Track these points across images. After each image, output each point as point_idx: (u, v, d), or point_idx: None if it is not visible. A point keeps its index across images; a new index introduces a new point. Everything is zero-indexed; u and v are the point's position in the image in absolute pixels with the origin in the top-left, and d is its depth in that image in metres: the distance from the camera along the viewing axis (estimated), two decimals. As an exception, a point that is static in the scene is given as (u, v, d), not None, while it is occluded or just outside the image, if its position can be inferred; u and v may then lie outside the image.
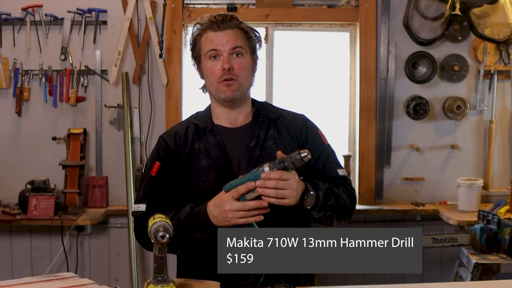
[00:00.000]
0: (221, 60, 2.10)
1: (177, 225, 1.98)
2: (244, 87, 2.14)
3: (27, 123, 3.78)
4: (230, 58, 2.10)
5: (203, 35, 2.14)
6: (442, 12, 3.74)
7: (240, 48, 2.11)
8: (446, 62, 3.82)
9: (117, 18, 3.74)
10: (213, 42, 2.11)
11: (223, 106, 2.17)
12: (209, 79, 2.15)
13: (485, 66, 3.81)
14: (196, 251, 2.06)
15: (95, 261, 3.83)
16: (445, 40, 3.82)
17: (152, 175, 2.14)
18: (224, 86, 2.10)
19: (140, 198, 2.15)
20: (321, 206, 2.03)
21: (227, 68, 2.08)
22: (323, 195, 2.03)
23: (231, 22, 2.12)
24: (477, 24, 3.72)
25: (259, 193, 1.90)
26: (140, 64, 3.74)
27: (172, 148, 2.16)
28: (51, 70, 3.73)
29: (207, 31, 2.13)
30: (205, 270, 2.05)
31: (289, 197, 1.91)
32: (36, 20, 3.71)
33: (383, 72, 3.81)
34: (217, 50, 2.10)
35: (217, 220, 1.93)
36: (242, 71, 2.11)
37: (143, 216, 2.07)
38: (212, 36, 2.11)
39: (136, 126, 3.80)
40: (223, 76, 2.09)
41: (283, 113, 2.25)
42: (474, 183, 3.64)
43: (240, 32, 2.14)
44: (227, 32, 2.11)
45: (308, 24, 3.87)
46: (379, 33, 3.81)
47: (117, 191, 3.81)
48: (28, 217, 3.50)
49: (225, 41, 2.10)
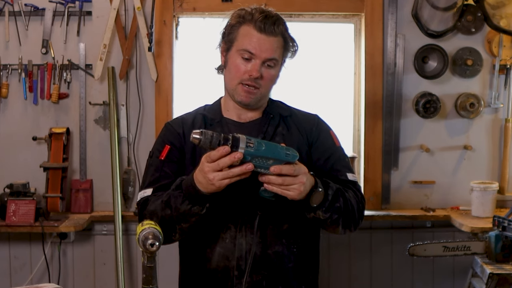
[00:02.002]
0: (251, 64, 2.12)
1: (167, 201, 2.03)
2: (264, 96, 2.22)
3: (5, 122, 3.78)
4: (261, 66, 2.12)
5: (244, 27, 2.14)
6: (454, 1, 3.75)
7: (275, 61, 2.14)
8: (459, 56, 3.82)
9: (102, 9, 3.74)
10: (252, 42, 2.11)
11: (235, 103, 2.21)
12: (231, 75, 2.18)
13: (501, 60, 3.81)
14: (192, 231, 2.08)
15: (79, 271, 3.83)
16: (457, 32, 3.82)
17: (161, 158, 2.19)
18: (243, 91, 2.15)
19: (148, 184, 2.19)
20: (328, 207, 2.05)
21: (255, 77, 2.12)
22: (332, 194, 2.05)
23: (278, 28, 2.13)
24: (492, 15, 3.72)
25: (264, 181, 1.93)
26: (127, 58, 3.74)
27: (180, 133, 2.22)
28: (31, 65, 3.73)
29: (250, 25, 2.13)
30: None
31: (294, 191, 1.94)
32: (15, 11, 3.71)
33: (390, 67, 3.82)
34: (253, 53, 2.12)
35: (202, 185, 1.95)
36: (268, 82, 2.17)
37: (147, 201, 2.12)
38: (253, 35, 2.12)
39: (123, 125, 3.80)
40: (247, 80, 2.13)
41: (296, 112, 2.31)
42: (489, 187, 3.64)
43: (281, 41, 2.16)
44: (270, 39, 2.12)
45: (309, 15, 3.88)
46: (386, 24, 3.81)
47: (103, 196, 3.81)
48: (6, 223, 3.49)
49: (264, 48, 2.11)
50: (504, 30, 3.74)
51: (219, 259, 2.13)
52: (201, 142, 1.86)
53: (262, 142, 1.91)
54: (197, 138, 1.86)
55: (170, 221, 2.03)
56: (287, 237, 2.15)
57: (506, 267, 3.06)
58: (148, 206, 2.11)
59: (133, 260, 3.81)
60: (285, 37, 2.17)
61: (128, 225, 3.78)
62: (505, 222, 3.09)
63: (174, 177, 2.14)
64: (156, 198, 2.10)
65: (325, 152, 2.22)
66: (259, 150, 1.89)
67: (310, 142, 2.23)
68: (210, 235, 2.14)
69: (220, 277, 2.13)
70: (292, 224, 2.15)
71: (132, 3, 3.71)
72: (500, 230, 3.10)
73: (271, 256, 2.13)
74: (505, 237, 3.08)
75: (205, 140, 1.86)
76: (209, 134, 1.86)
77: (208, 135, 1.86)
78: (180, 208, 2.00)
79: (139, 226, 1.76)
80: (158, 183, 2.16)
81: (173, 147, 2.20)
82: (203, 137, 1.86)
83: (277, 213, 2.10)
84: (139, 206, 2.16)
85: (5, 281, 3.77)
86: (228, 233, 2.12)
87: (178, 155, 2.19)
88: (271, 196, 1.97)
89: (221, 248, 2.12)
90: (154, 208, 2.07)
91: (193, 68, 3.89)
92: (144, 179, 2.22)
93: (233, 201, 2.10)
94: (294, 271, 2.17)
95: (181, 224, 2.03)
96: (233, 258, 2.11)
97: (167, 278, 3.24)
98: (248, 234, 2.10)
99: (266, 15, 2.13)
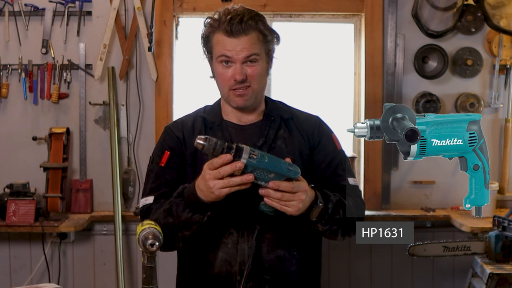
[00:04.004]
0: (233, 68, 2.09)
1: (169, 209, 2.02)
2: (258, 92, 2.16)
3: (5, 122, 3.78)
4: (243, 66, 2.09)
5: (215, 35, 2.10)
6: (454, 1, 3.75)
7: (255, 56, 2.10)
8: (459, 56, 3.82)
9: (102, 9, 3.74)
10: (225, 47, 2.08)
11: (233, 107, 2.19)
12: (219, 84, 2.16)
13: (501, 60, 3.81)
14: (194, 238, 2.08)
15: (79, 271, 3.83)
16: (457, 32, 3.82)
17: (161, 165, 2.18)
18: (235, 96, 2.12)
19: (149, 191, 2.18)
20: (328, 219, 2.04)
21: (239, 79, 2.08)
22: (332, 207, 2.05)
23: (248, 25, 2.07)
24: (492, 15, 3.73)
25: (264, 195, 1.92)
26: (127, 58, 3.74)
27: (180, 138, 2.20)
28: (31, 65, 3.73)
29: (220, 32, 2.09)
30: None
31: (293, 207, 1.93)
32: (15, 11, 3.71)
33: (390, 67, 3.82)
34: (229, 57, 2.08)
35: (203, 194, 1.94)
36: (256, 77, 2.12)
37: (149, 210, 2.12)
38: (224, 41, 2.08)
39: (123, 125, 3.80)
40: (235, 85, 2.10)
41: (297, 113, 2.28)
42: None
43: (257, 36, 2.10)
44: (241, 39, 2.07)
45: (309, 15, 3.88)
46: (386, 24, 3.81)
47: (103, 196, 3.81)
48: (6, 223, 3.49)
49: (239, 49, 2.07)
50: (504, 30, 3.74)
51: (221, 264, 2.12)
52: (204, 148, 1.86)
53: (265, 154, 1.91)
54: (201, 143, 1.85)
55: (172, 229, 2.02)
56: (289, 242, 2.14)
57: (506, 267, 3.06)
58: (150, 215, 2.10)
59: (133, 260, 3.81)
60: (259, 30, 2.10)
61: (128, 225, 3.79)
62: (505, 222, 3.09)
63: (175, 184, 2.13)
64: (158, 206, 2.10)
65: (326, 156, 2.20)
66: (262, 163, 1.88)
67: (312, 145, 2.22)
68: (212, 240, 2.13)
69: (222, 282, 2.12)
70: (293, 229, 2.14)
71: (132, 3, 3.71)
72: (500, 230, 3.10)
73: (273, 260, 2.12)
74: (505, 237, 3.08)
75: (209, 146, 1.85)
76: (213, 141, 1.86)
77: (212, 142, 1.86)
78: (181, 216, 2.00)
79: (139, 226, 1.76)
80: (159, 190, 2.15)
81: (173, 153, 2.18)
82: (207, 143, 1.85)
83: (277, 222, 2.09)
84: (142, 214, 2.16)
85: (5, 281, 3.77)
86: (230, 238, 2.11)
87: (178, 161, 2.18)
88: (270, 211, 1.97)
89: (224, 254, 2.12)
90: (157, 217, 2.06)
91: (193, 68, 3.89)
92: (146, 185, 2.22)
93: (233, 213, 2.09)
94: (296, 275, 2.16)
95: (183, 232, 2.03)
96: (236, 263, 2.10)
97: (167, 278, 3.22)
98: (250, 239, 2.09)
99: (231, 16, 2.06)
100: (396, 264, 3.88)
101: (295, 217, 1.99)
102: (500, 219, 3.12)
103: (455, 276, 3.89)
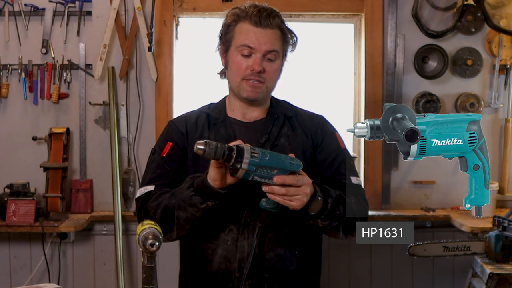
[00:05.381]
0: (252, 59, 2.12)
1: (179, 194, 2.01)
2: (270, 90, 2.21)
3: (5, 122, 3.78)
4: (262, 60, 2.11)
5: (240, 24, 2.14)
6: (454, 1, 3.75)
7: (275, 53, 2.14)
8: (459, 56, 3.82)
9: (102, 9, 3.74)
10: (250, 37, 2.11)
11: (241, 101, 2.21)
12: (233, 73, 2.17)
13: (501, 60, 3.81)
14: (192, 228, 2.08)
15: (79, 271, 3.83)
16: (457, 32, 3.82)
17: (163, 155, 2.18)
18: (249, 86, 2.14)
19: (149, 180, 2.17)
20: (328, 215, 2.04)
21: (257, 71, 2.11)
22: (331, 202, 2.04)
23: (274, 21, 2.13)
24: (492, 15, 3.73)
25: (267, 191, 1.92)
26: (127, 58, 3.74)
27: (183, 132, 2.21)
28: (31, 65, 3.73)
29: (246, 21, 2.13)
30: None
31: (297, 201, 1.93)
32: (15, 11, 3.71)
33: (390, 67, 3.82)
34: (252, 48, 2.11)
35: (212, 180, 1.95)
36: (272, 75, 2.16)
37: (149, 195, 2.11)
38: (250, 30, 2.12)
39: (123, 125, 3.80)
40: (251, 75, 2.12)
41: (301, 112, 2.30)
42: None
43: (279, 33, 2.15)
44: (267, 31, 2.12)
45: (309, 15, 3.88)
46: (386, 24, 3.81)
47: (103, 196, 3.81)
48: (6, 223, 3.49)
49: (263, 41, 2.11)
50: (504, 30, 3.74)
51: (220, 261, 2.12)
52: (205, 153, 1.84)
53: (266, 152, 1.91)
54: (202, 149, 1.84)
55: (173, 211, 2.02)
56: (289, 240, 2.15)
57: (506, 267, 3.06)
58: (150, 201, 2.09)
59: (133, 260, 3.81)
60: (282, 29, 2.16)
61: (128, 225, 3.78)
62: (505, 222, 3.09)
63: (175, 176, 2.14)
64: (162, 192, 2.09)
65: (329, 154, 2.21)
66: (263, 160, 1.88)
67: (315, 144, 2.23)
68: (211, 237, 2.14)
69: (221, 279, 2.13)
70: (293, 228, 2.14)
71: (132, 3, 3.71)
72: (500, 230, 3.10)
73: (273, 259, 2.13)
74: (505, 237, 3.08)
75: (210, 150, 1.84)
76: (214, 145, 1.84)
77: (213, 146, 1.84)
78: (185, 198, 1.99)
79: (139, 226, 1.76)
80: (159, 180, 2.15)
81: (175, 145, 2.19)
82: (207, 148, 1.84)
83: (278, 220, 2.09)
84: (140, 201, 2.14)
85: (5, 281, 3.77)
86: (230, 235, 2.12)
87: (179, 154, 2.19)
88: (272, 208, 1.97)
89: (223, 251, 2.12)
90: (160, 201, 2.05)
91: (193, 68, 3.89)
92: (145, 175, 2.21)
93: (233, 210, 2.09)
94: (295, 273, 2.17)
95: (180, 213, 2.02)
96: (235, 261, 2.11)
97: (167, 278, 3.24)
98: (250, 237, 2.10)
99: (260, 9, 2.13)
100: (396, 264, 3.88)
101: (295, 213, 1.99)
102: (500, 219, 3.12)
103: (455, 276, 3.89)
